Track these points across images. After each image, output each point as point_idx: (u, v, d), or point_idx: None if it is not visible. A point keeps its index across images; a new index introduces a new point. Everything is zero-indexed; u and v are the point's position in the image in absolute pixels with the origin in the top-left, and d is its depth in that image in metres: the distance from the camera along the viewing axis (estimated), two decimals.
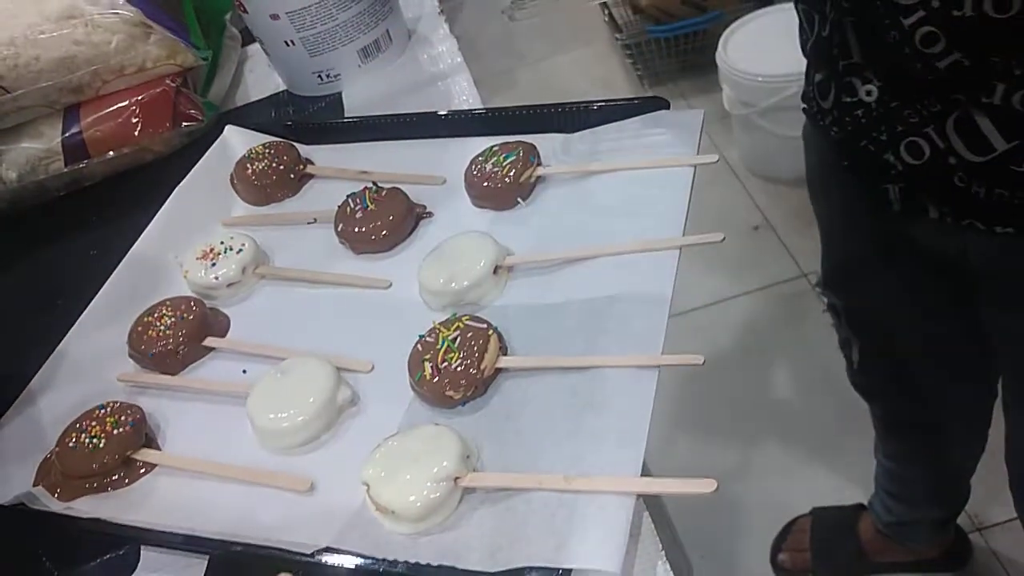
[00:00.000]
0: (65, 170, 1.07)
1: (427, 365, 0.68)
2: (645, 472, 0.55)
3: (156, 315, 0.82)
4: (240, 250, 0.86)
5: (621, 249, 0.73)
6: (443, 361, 0.68)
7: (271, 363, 0.75)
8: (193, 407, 0.76)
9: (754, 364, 2.22)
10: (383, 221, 0.84)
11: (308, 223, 0.91)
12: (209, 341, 0.81)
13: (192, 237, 0.90)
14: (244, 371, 0.78)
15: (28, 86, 1.01)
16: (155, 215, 0.93)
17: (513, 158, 0.84)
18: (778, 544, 1.80)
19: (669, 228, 0.72)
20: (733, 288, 2.34)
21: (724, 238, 0.69)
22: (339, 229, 0.86)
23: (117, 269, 0.89)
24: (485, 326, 0.69)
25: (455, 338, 0.69)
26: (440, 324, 0.71)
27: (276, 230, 0.87)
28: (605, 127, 0.86)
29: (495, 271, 0.76)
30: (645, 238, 0.73)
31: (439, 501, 0.59)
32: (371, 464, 0.63)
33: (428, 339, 0.70)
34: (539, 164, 0.84)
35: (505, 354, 0.69)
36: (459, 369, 0.67)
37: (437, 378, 0.67)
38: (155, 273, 0.89)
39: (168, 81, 1.08)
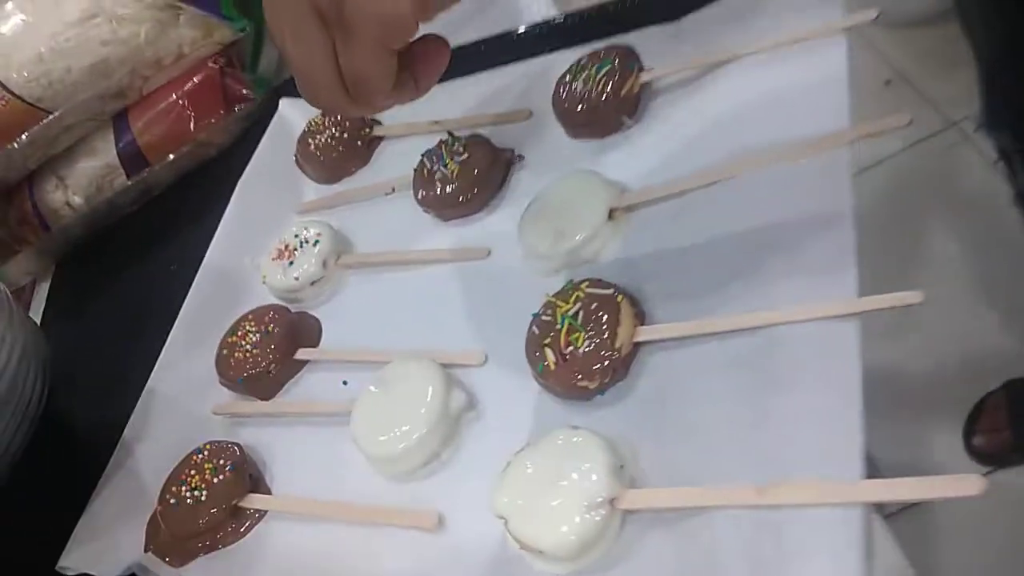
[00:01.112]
0: (129, 183, 0.99)
1: (548, 352, 0.54)
2: (871, 469, 0.40)
3: (240, 333, 0.72)
4: (317, 241, 0.75)
5: (769, 159, 0.56)
6: (567, 344, 0.54)
7: (372, 368, 0.64)
8: (296, 433, 0.67)
9: (911, 232, 1.95)
10: (467, 178, 0.70)
11: (387, 194, 0.78)
12: (301, 354, 0.70)
13: (265, 235, 0.79)
14: (344, 382, 0.67)
15: (67, 102, 0.92)
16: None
17: (608, 68, 0.68)
18: (971, 427, 1.59)
19: (829, 120, 0.55)
20: (874, 154, 2.07)
21: (911, 120, 0.51)
22: (419, 197, 0.72)
23: (193, 286, 0.80)
24: (611, 291, 0.55)
25: (577, 312, 0.55)
26: (555, 297, 0.57)
27: (353, 209, 0.79)
28: (715, 5, 0.67)
29: (610, 216, 0.61)
30: (801, 139, 0.55)
31: (597, 532, 0.46)
32: (504, 490, 0.50)
33: (544, 318, 0.56)
34: (641, 70, 0.67)
35: (643, 323, 0.55)
36: (589, 351, 0.53)
37: (564, 367, 0.54)
38: (233, 283, 0.79)
39: (211, 63, 0.97)
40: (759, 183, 0.56)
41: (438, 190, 0.71)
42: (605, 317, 0.54)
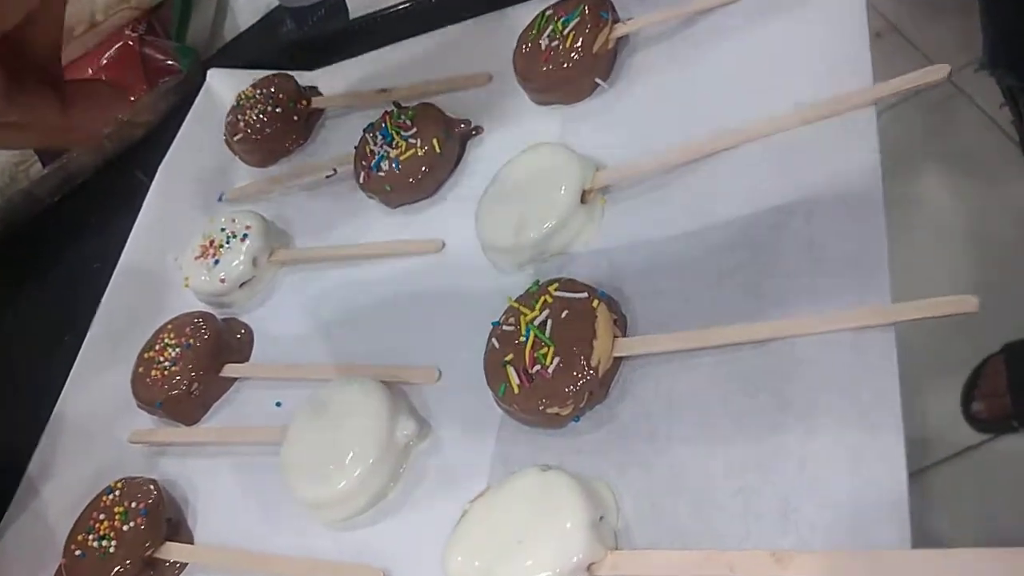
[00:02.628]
0: (46, 171, 0.87)
1: (511, 372, 0.45)
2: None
3: (158, 348, 0.62)
4: (246, 235, 0.64)
5: (774, 126, 0.46)
6: (533, 362, 0.44)
7: (311, 386, 0.54)
8: (223, 466, 0.57)
9: (905, 187, 1.84)
10: (416, 157, 0.59)
11: (327, 176, 0.68)
12: (228, 370, 0.60)
13: (190, 229, 0.69)
14: (279, 404, 0.57)
15: None
16: None
17: (577, 20, 0.57)
18: (969, 392, 1.51)
19: (847, 76, 0.44)
20: None
21: (951, 71, 0.41)
22: (361, 180, 0.62)
23: (107, 291, 0.69)
24: (585, 295, 0.45)
25: (544, 321, 0.45)
26: (518, 302, 0.47)
27: (290, 195, 0.70)
28: None
29: (583, 199, 0.51)
30: (812, 100, 0.45)
31: None
32: (459, 547, 0.41)
33: (507, 328, 0.46)
34: (616, 21, 0.57)
35: (624, 333, 0.45)
36: (560, 370, 0.43)
37: (529, 390, 0.44)
38: (153, 287, 0.69)
39: (128, 32, 0.85)
40: (763, 156, 0.46)
41: (382, 172, 0.60)
42: (578, 327, 0.44)
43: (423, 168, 0.59)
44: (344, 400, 0.50)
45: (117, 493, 0.56)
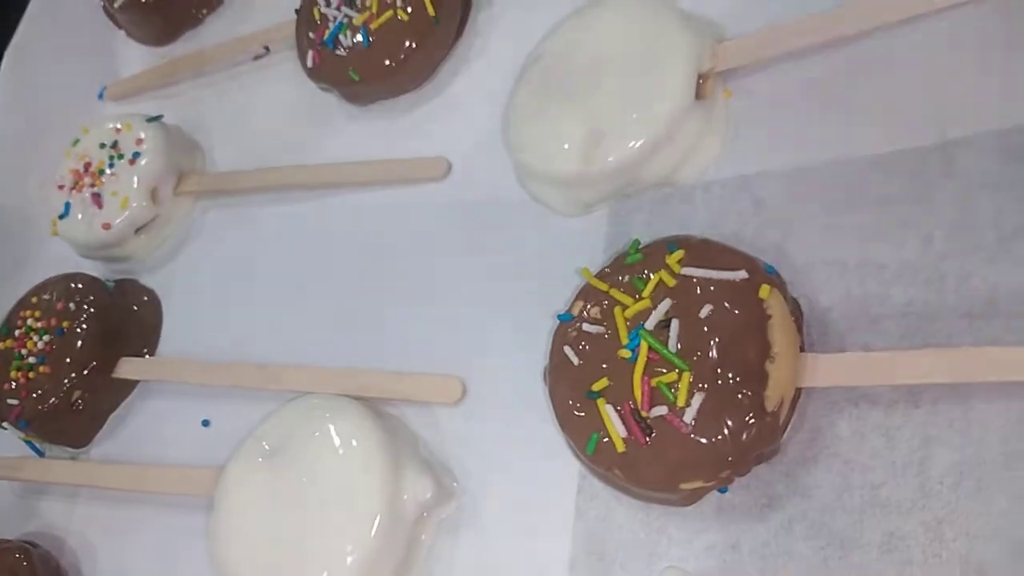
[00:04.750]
0: None
1: (609, 414, 0.25)
2: None
3: (18, 334, 0.42)
4: (137, 154, 0.43)
5: None
6: (652, 400, 0.24)
7: (255, 399, 0.34)
8: (131, 518, 0.38)
9: None
10: (395, 23, 0.38)
11: (256, 58, 0.46)
12: (125, 369, 0.40)
13: (55, 142, 0.46)
14: (205, 422, 0.37)
15: None
16: None
17: None
18: None
19: None
20: None
21: None
22: (310, 63, 0.40)
23: None
24: (744, 272, 0.26)
25: (666, 324, 0.25)
26: (605, 280, 0.27)
27: (202, 88, 0.49)
28: None
29: (698, 92, 0.30)
30: None
31: None
32: None
33: (589, 326, 0.27)
34: None
35: (804, 345, 0.25)
36: (707, 417, 0.24)
37: (649, 450, 0.24)
38: (5, 234, 0.46)
39: None
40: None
41: (342, 49, 0.38)
42: (736, 335, 0.24)
43: (408, 42, 0.39)
44: (315, 440, 0.31)
45: None
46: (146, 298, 0.44)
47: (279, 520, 0.30)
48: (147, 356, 0.42)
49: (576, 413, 0.27)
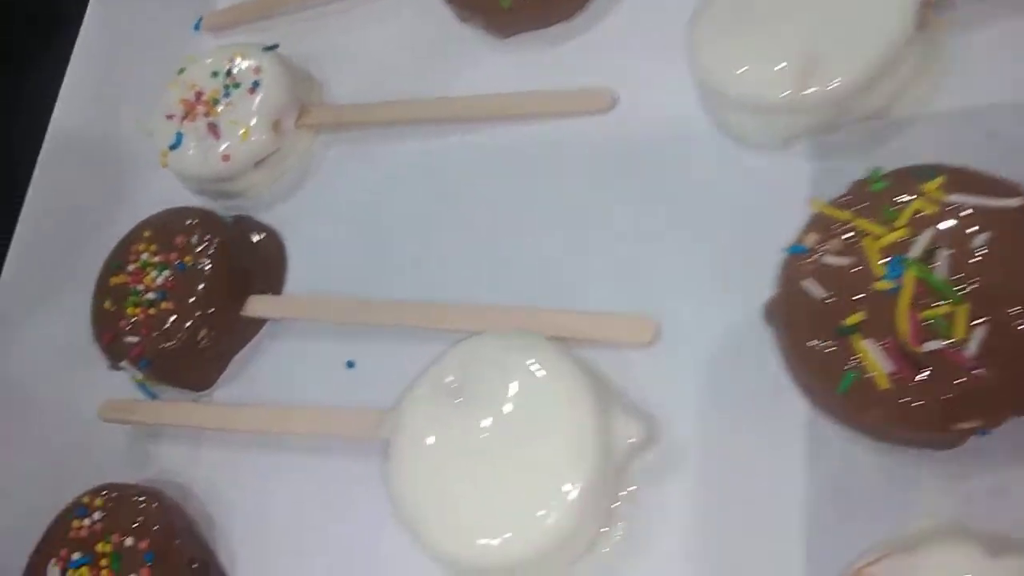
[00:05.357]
0: None
1: (869, 348, 0.24)
2: None
3: (132, 268, 0.39)
4: (256, 83, 0.40)
5: None
6: (922, 333, 0.23)
7: (402, 337, 0.33)
8: (273, 465, 0.36)
9: None
10: None
11: None
12: (255, 307, 0.37)
13: (157, 74, 0.45)
14: (350, 363, 0.35)
15: None
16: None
17: None
18: None
19: None
20: None
21: None
22: None
23: (34, 177, 0.44)
24: (1020, 200, 0.23)
25: (931, 252, 0.23)
26: (846, 207, 0.26)
27: (310, 19, 0.46)
28: None
29: (921, 22, 0.28)
30: None
31: None
32: None
33: (833, 258, 0.25)
34: None
35: None
36: (993, 349, 0.22)
37: (921, 384, 0.23)
38: (109, 167, 0.45)
39: None
40: None
41: None
42: (1018, 265, 0.23)
43: None
44: (510, 378, 0.29)
45: (96, 516, 0.35)
46: (266, 235, 0.41)
47: (474, 461, 0.28)
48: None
49: (822, 350, 0.25)
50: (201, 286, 0.37)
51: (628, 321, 0.31)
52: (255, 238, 0.41)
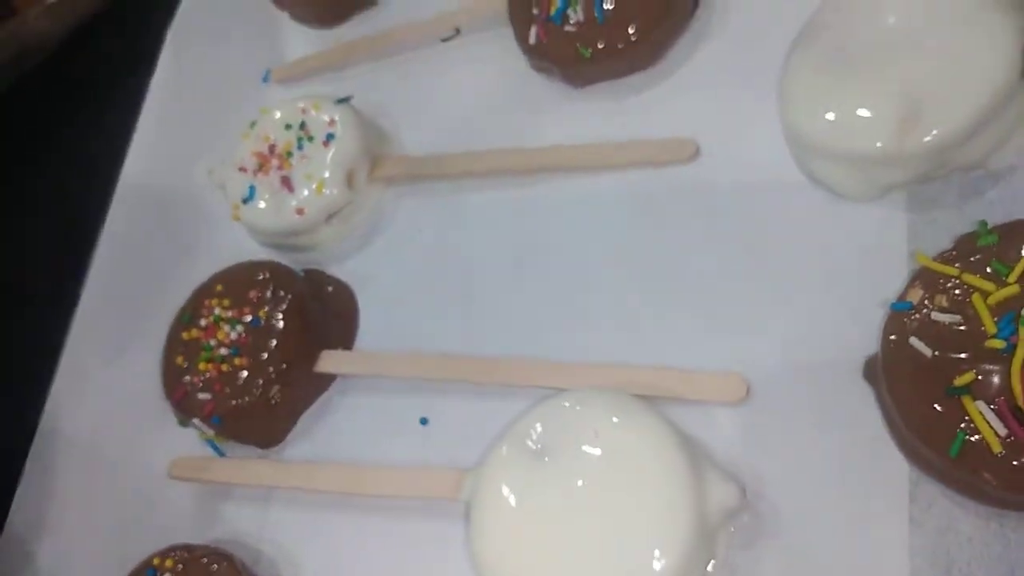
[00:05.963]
0: None
1: (980, 412, 0.23)
2: None
3: (205, 323, 0.39)
4: (330, 136, 0.40)
5: None
6: None
7: (469, 397, 0.32)
8: (341, 527, 0.34)
9: None
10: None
11: (444, 39, 0.44)
12: (329, 361, 0.37)
13: (226, 125, 0.45)
14: (423, 420, 0.34)
15: None
16: None
17: None
18: None
19: None
20: None
21: None
22: (534, 38, 0.37)
23: (104, 228, 0.45)
24: None
25: None
26: (951, 262, 0.26)
27: (379, 71, 0.46)
28: None
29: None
30: None
31: None
32: None
33: (940, 315, 0.25)
34: None
35: None
36: None
37: None
38: (179, 218, 0.45)
39: None
40: None
41: (572, 24, 0.36)
42: None
43: (646, 17, 0.35)
44: (597, 439, 0.28)
45: None
46: (337, 289, 0.41)
47: (560, 525, 0.27)
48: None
49: (931, 411, 0.24)
50: (274, 342, 0.37)
51: (718, 378, 0.29)
52: (327, 292, 0.41)
